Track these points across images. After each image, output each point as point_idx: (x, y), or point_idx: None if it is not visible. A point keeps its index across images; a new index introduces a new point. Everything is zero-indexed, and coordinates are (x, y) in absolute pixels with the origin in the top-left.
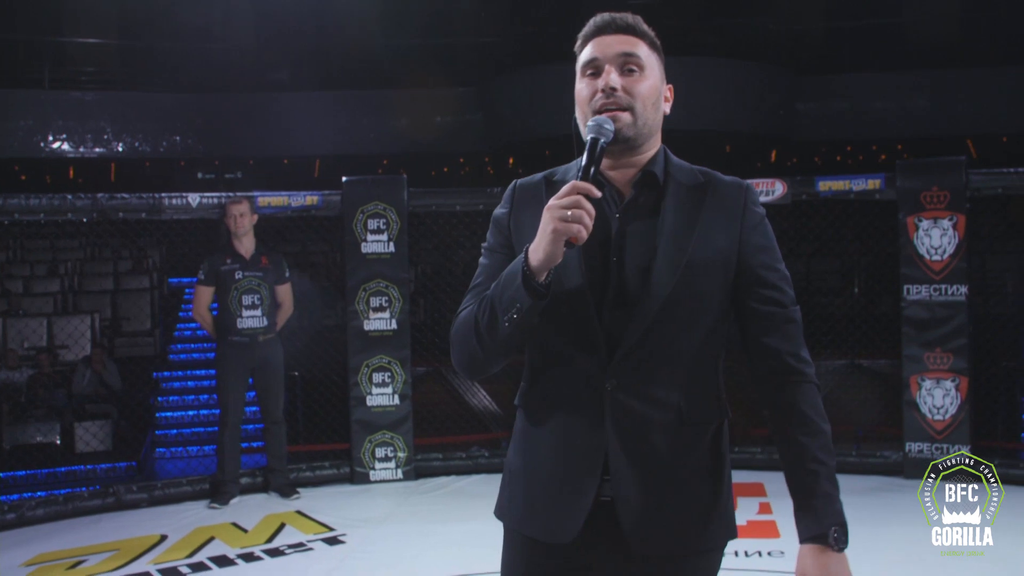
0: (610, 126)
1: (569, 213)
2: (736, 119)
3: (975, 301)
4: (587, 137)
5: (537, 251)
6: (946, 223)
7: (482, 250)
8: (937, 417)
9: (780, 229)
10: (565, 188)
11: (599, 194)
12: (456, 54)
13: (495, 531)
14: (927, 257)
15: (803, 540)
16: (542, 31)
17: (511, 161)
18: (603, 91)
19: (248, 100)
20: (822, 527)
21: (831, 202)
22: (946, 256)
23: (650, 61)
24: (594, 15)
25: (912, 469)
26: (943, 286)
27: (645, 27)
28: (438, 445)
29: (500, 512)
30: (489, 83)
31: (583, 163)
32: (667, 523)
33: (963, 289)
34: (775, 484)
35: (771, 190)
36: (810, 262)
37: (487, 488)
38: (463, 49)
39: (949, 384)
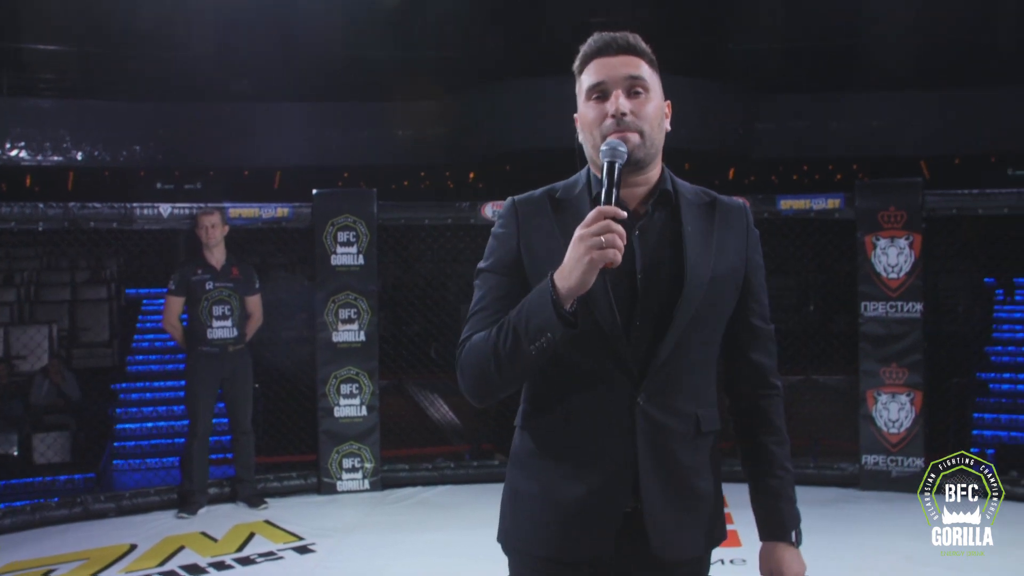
0: (623, 148)
1: (603, 239)
2: (696, 137)
3: (928, 319)
4: (602, 161)
5: (568, 279)
6: (903, 242)
7: (479, 272)
8: (892, 430)
9: None
10: (592, 215)
11: (625, 215)
12: (419, 69)
13: (462, 541)
14: (884, 275)
15: (768, 538)
16: (506, 48)
17: (472, 176)
18: (613, 116)
19: (209, 110)
20: (786, 528)
21: (791, 220)
22: (902, 274)
23: (653, 81)
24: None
25: (868, 481)
26: (899, 303)
27: (644, 45)
28: (403, 457)
29: (506, 538)
30: (451, 98)
31: (604, 187)
32: (686, 529)
33: (918, 306)
34: (735, 495)
35: None
36: (769, 279)
37: (453, 499)
38: (426, 64)
39: (904, 398)
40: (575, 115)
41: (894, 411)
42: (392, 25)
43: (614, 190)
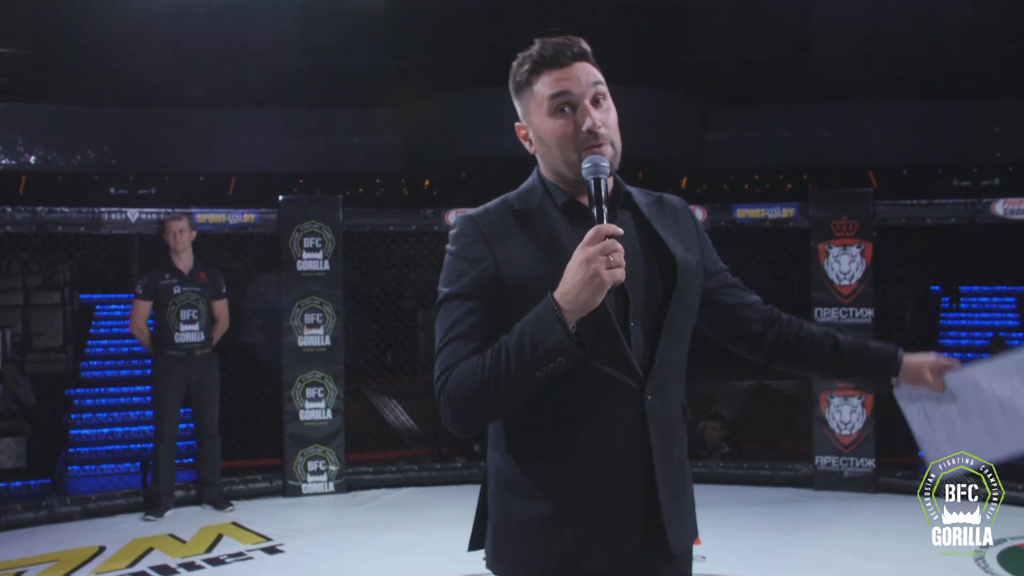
0: (605, 163)
1: (611, 258)
2: (649, 146)
3: (878, 326)
4: (587, 179)
5: (575, 301)
6: (854, 250)
7: (446, 297)
8: (844, 432)
9: None
10: (592, 234)
11: (622, 232)
12: (374, 76)
13: (427, 541)
14: (836, 282)
15: (894, 362)
16: (462, 57)
17: (427, 183)
18: (589, 131)
19: (164, 115)
20: (893, 348)
21: (745, 229)
22: (854, 281)
23: (607, 86)
24: (514, 43)
25: (821, 481)
26: (851, 309)
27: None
28: (366, 460)
29: (512, 568)
30: (406, 106)
31: (595, 205)
32: (686, 518)
33: (869, 312)
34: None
35: None
36: None
37: (417, 500)
38: (381, 71)
39: (856, 401)
40: (519, 124)
41: (846, 413)
42: (348, 34)
43: (604, 207)
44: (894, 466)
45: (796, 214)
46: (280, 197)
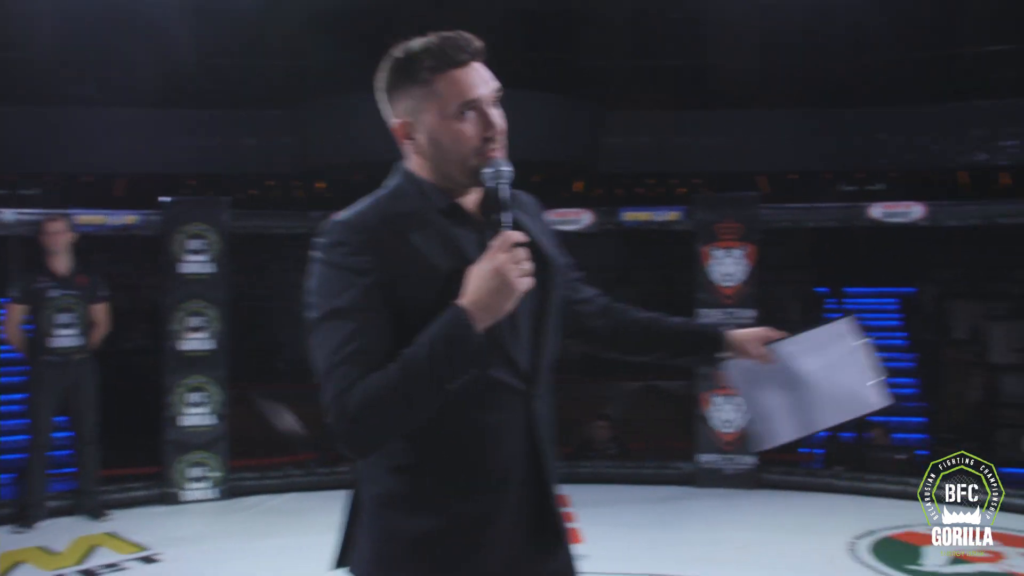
0: (507, 169)
1: (524, 267)
2: (544, 150)
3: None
4: (488, 184)
5: (488, 310)
6: (738, 252)
7: (333, 312)
8: (726, 430)
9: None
10: (500, 242)
11: (528, 239)
12: (269, 76)
13: (311, 545)
14: (720, 283)
15: (721, 335)
16: (355, 59)
17: (322, 185)
18: (489, 137)
19: (48, 113)
20: (714, 326)
21: (635, 232)
22: (737, 282)
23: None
24: (399, 41)
25: (704, 479)
26: (734, 310)
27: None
28: (252, 466)
29: None
30: (301, 107)
31: (500, 213)
32: (563, 509)
33: (752, 313)
34: (577, 495)
35: (578, 219)
36: (613, 289)
37: (301, 505)
38: (276, 71)
39: (738, 400)
40: (401, 121)
41: (728, 412)
42: (242, 33)
43: (509, 214)
44: (774, 463)
45: (683, 217)
46: (160, 199)
